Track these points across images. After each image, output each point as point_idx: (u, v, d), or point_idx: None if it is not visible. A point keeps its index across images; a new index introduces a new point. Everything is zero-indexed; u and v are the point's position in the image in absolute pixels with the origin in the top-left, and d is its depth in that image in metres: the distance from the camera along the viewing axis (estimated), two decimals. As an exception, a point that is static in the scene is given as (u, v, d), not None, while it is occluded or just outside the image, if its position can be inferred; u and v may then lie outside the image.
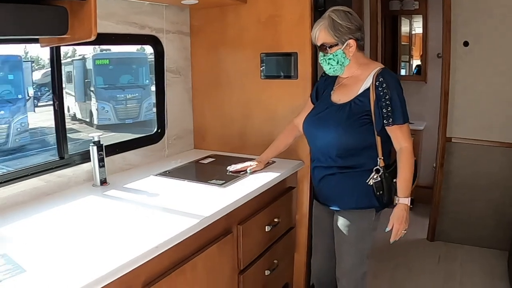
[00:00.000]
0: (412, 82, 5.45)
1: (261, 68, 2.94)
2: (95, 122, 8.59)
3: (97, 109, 8.54)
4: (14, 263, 1.52)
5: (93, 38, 1.86)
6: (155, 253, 1.65)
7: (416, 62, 5.66)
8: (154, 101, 3.11)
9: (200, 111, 3.28)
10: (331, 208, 2.37)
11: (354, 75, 2.26)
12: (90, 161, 2.44)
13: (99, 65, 8.49)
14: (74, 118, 8.84)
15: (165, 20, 2.93)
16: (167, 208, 2.06)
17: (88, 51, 8.16)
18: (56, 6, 1.84)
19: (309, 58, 2.73)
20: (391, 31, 5.69)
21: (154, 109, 3.12)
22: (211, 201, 2.13)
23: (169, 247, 1.71)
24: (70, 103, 8.76)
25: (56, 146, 2.43)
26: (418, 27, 5.46)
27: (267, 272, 2.54)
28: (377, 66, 2.21)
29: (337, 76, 2.35)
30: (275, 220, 2.58)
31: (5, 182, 2.12)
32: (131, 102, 8.78)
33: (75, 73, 8.44)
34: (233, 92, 3.08)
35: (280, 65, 2.87)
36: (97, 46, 7.22)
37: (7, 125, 6.66)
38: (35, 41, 2.08)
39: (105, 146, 2.51)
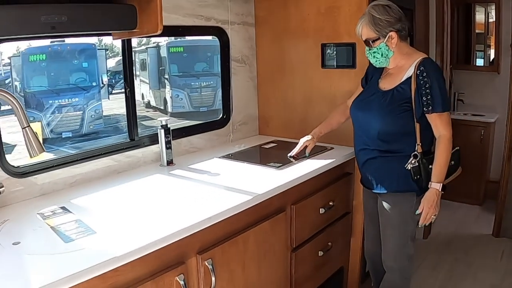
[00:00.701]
0: (485, 73, 5.32)
1: (321, 58, 3.04)
2: (169, 109, 8.74)
3: (171, 97, 8.68)
4: (86, 226, 1.74)
5: (159, 32, 2.07)
6: (209, 223, 1.83)
7: (493, 51, 5.49)
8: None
9: (264, 98, 3.43)
10: (373, 191, 2.47)
11: (399, 64, 2.35)
12: (158, 143, 2.66)
13: (174, 52, 8.61)
14: (148, 105, 8.97)
15: (230, 12, 3.10)
16: (226, 186, 2.24)
17: (162, 39, 8.19)
18: (126, 4, 2.06)
19: (366, 48, 2.80)
20: (465, 20, 5.56)
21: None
22: (267, 181, 2.28)
23: (222, 219, 1.89)
24: (145, 90, 8.93)
25: (127, 129, 2.67)
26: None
27: (320, 253, 2.66)
28: (420, 56, 2.29)
29: None
30: (330, 203, 2.69)
31: (81, 159, 2.38)
32: (206, 90, 8.80)
33: (149, 60, 8.59)
34: (295, 80, 3.20)
35: (340, 55, 2.96)
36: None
37: (82, 111, 6.94)
38: (108, 34, 2.31)
39: (173, 129, 2.72)
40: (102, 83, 7.37)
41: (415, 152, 2.29)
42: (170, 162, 2.64)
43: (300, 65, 3.16)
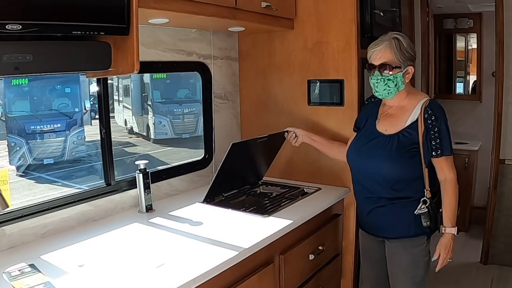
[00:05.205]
0: (467, 102, 5.39)
1: (308, 95, 2.94)
2: (152, 136, 8.78)
3: (154, 123, 8.70)
4: (55, 293, 1.58)
5: (135, 72, 1.91)
6: (192, 286, 1.67)
7: (473, 78, 5.56)
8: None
9: (248, 136, 3.25)
10: (381, 237, 2.40)
11: (401, 104, 2.27)
12: (136, 187, 2.49)
13: (157, 79, 8.60)
14: (131, 131, 9.00)
15: (212, 46, 2.98)
16: (209, 238, 2.08)
17: (146, 65, 8.28)
18: (101, 42, 1.88)
19: (355, 85, 2.73)
20: (446, 49, 5.61)
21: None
22: (252, 231, 2.14)
23: (206, 280, 1.73)
24: (128, 116, 8.97)
25: (103, 173, 2.50)
26: (474, 43, 5.41)
27: (311, 300, 2.52)
28: (424, 97, 2.24)
29: (379, 105, 2.36)
30: (320, 248, 2.56)
31: (53, 208, 2.21)
32: (188, 117, 8.82)
33: (132, 86, 8.61)
34: (280, 118, 3.07)
35: (327, 92, 2.87)
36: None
37: (63, 138, 6.82)
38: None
39: (153, 172, 2.58)
40: (85, 109, 7.28)
41: (424, 198, 2.22)
42: (149, 208, 2.48)
43: (285, 101, 3.06)
